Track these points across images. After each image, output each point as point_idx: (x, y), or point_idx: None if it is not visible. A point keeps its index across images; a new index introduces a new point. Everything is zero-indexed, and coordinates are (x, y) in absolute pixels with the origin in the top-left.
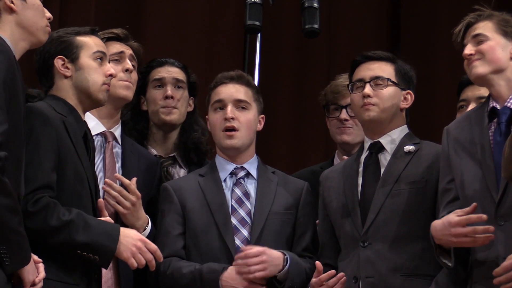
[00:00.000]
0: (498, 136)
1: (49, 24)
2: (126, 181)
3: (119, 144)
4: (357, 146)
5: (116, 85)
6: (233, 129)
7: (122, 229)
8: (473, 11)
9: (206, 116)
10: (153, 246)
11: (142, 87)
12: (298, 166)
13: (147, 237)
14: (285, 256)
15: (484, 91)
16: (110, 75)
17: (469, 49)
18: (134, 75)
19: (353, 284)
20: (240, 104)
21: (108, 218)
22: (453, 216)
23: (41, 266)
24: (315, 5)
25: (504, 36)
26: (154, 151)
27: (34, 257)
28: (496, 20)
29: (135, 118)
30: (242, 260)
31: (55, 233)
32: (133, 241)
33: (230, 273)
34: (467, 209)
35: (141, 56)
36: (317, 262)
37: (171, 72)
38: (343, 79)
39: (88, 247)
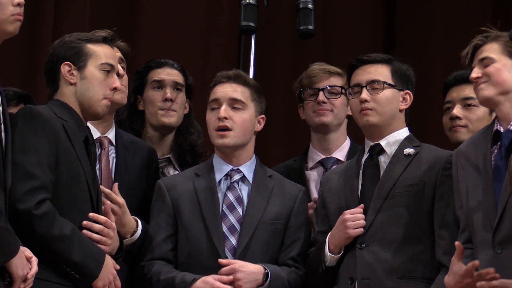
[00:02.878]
0: (499, 161)
1: (16, 11)
2: (106, 190)
3: (114, 146)
4: (335, 130)
5: None
6: (225, 128)
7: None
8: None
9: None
10: (118, 283)
11: (139, 87)
12: None
13: (137, 240)
14: (266, 271)
15: (469, 92)
16: (114, 88)
17: (475, 72)
18: (125, 77)
19: (348, 285)
20: (235, 104)
21: (112, 224)
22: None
23: (34, 261)
24: (310, 6)
25: (511, 58)
26: None
27: (26, 252)
28: (503, 41)
29: (132, 117)
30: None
31: (53, 242)
32: (108, 273)
33: (198, 284)
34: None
35: (129, 56)
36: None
37: (170, 74)
38: (319, 65)
39: (77, 266)
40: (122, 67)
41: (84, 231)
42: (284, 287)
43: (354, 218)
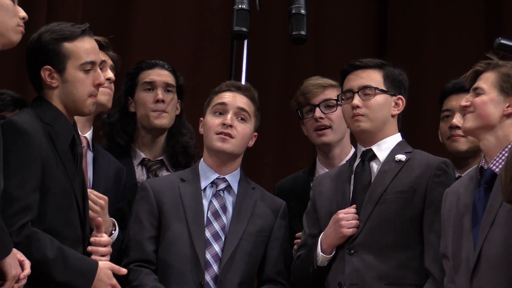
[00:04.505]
0: (477, 200)
1: (22, 24)
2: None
3: (90, 149)
4: (337, 146)
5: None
6: (228, 135)
7: (98, 270)
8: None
9: (201, 118)
10: None
11: (130, 89)
12: (284, 173)
13: (114, 242)
14: None
15: None
16: (98, 84)
17: (465, 100)
18: (112, 86)
19: None
20: (241, 114)
21: (105, 237)
22: None
23: (27, 263)
24: (302, 11)
25: (500, 92)
26: (142, 154)
27: (18, 255)
28: (500, 73)
29: (123, 119)
30: None
31: (35, 266)
32: (104, 285)
33: None
34: None
35: (118, 68)
36: None
37: (161, 75)
38: (312, 80)
39: (63, 285)
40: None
41: (93, 256)
42: None
43: (348, 218)
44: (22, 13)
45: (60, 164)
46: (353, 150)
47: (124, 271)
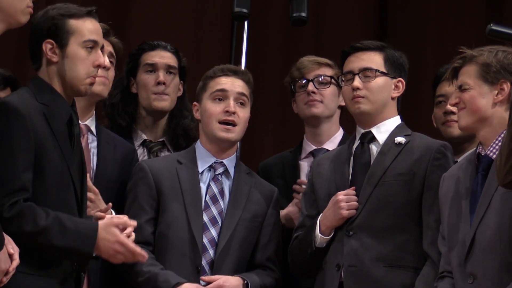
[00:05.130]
0: (475, 186)
1: (31, 4)
2: None
3: (94, 136)
4: (326, 121)
5: None
6: (232, 123)
7: (100, 230)
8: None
9: (194, 103)
10: (131, 247)
11: (132, 70)
12: None
13: None
14: (245, 282)
15: None
16: (98, 65)
17: (453, 99)
18: (112, 73)
19: (335, 272)
20: (241, 99)
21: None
22: None
23: (16, 254)
24: None
25: (485, 83)
26: (143, 136)
27: (9, 248)
28: (479, 64)
29: (125, 100)
30: None
31: (31, 238)
32: (111, 245)
33: None
34: None
35: (120, 53)
36: None
37: (163, 57)
38: (308, 57)
39: (65, 251)
40: (111, 62)
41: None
42: None
43: (347, 199)
44: None
45: (56, 145)
46: (341, 130)
47: (132, 247)
